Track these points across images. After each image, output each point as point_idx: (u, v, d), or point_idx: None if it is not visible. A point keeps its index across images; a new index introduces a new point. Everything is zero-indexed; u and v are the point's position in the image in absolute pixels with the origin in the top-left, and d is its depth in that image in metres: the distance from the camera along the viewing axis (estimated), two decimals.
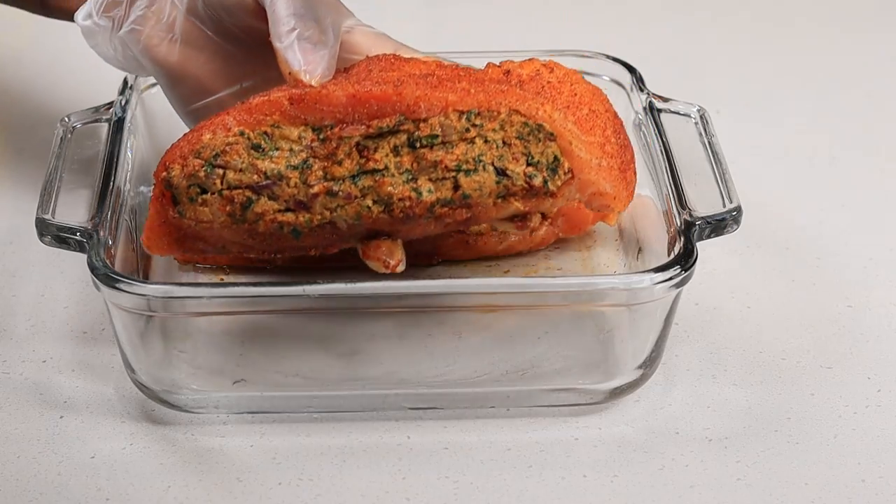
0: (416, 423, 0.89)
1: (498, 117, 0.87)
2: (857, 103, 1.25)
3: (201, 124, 0.88)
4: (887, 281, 1.02)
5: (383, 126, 0.86)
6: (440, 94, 0.86)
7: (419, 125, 0.86)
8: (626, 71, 1.03)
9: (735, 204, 0.90)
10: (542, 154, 0.87)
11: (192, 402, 0.88)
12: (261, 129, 0.87)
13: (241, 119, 0.87)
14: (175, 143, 0.88)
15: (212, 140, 0.86)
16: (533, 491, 0.85)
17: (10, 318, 0.97)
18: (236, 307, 0.85)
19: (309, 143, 0.86)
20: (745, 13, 1.39)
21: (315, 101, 0.86)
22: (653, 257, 0.94)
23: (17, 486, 0.84)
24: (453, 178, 0.86)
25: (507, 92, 0.87)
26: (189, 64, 0.94)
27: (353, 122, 0.86)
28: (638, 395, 0.91)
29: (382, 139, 0.86)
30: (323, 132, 0.86)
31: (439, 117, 0.86)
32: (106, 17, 0.92)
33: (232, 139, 0.86)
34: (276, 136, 0.87)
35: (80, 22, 0.93)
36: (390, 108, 0.86)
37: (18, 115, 1.19)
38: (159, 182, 0.88)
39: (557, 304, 0.87)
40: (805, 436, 0.89)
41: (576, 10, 1.39)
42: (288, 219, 0.87)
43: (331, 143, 0.86)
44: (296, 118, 0.86)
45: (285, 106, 0.86)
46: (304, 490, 0.84)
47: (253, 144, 0.86)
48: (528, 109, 0.87)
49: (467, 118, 0.86)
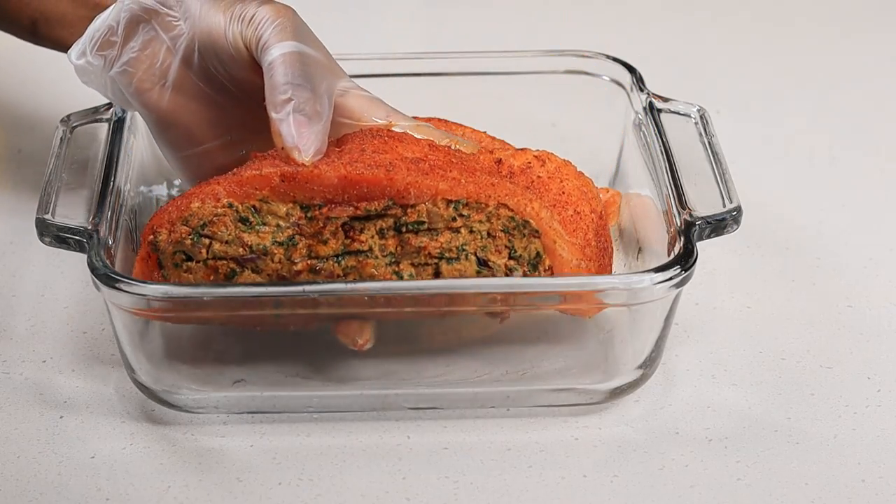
0: (416, 423, 0.89)
1: (485, 209, 0.87)
2: (857, 103, 1.25)
3: (191, 191, 0.88)
4: (887, 281, 1.02)
5: (371, 209, 0.86)
6: (431, 183, 0.86)
7: (407, 210, 0.86)
8: (626, 71, 1.03)
9: (735, 204, 0.90)
10: (525, 249, 0.88)
11: (192, 402, 0.88)
12: (249, 203, 0.87)
13: (231, 191, 0.87)
14: (164, 206, 0.89)
15: (200, 209, 0.87)
16: (533, 491, 0.85)
17: (10, 318, 0.97)
18: (236, 307, 0.85)
19: (296, 221, 0.87)
20: (745, 13, 1.39)
21: (306, 181, 0.86)
22: (653, 257, 0.94)
23: (17, 486, 0.84)
24: (435, 264, 0.87)
25: (498, 185, 0.87)
26: (179, 111, 0.93)
27: (342, 203, 0.86)
28: (638, 395, 0.91)
29: (369, 221, 0.87)
30: (311, 210, 0.87)
31: (427, 204, 0.86)
32: (99, 55, 0.92)
33: (220, 210, 0.87)
34: (265, 211, 0.87)
35: (74, 61, 0.92)
36: (380, 191, 0.86)
37: (18, 115, 1.19)
38: (145, 244, 0.88)
39: (557, 305, 0.87)
40: (805, 436, 0.89)
41: (576, 10, 1.39)
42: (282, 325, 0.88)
43: (318, 221, 0.86)
44: (285, 194, 0.86)
45: (276, 182, 0.86)
46: (304, 490, 0.84)
47: (241, 217, 0.87)
48: (516, 204, 0.87)
49: (455, 207, 0.87)
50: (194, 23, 0.90)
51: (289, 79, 0.87)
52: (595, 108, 1.05)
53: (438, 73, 1.06)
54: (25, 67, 1.25)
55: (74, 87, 1.07)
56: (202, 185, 0.88)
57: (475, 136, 0.99)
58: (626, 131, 1.03)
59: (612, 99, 1.04)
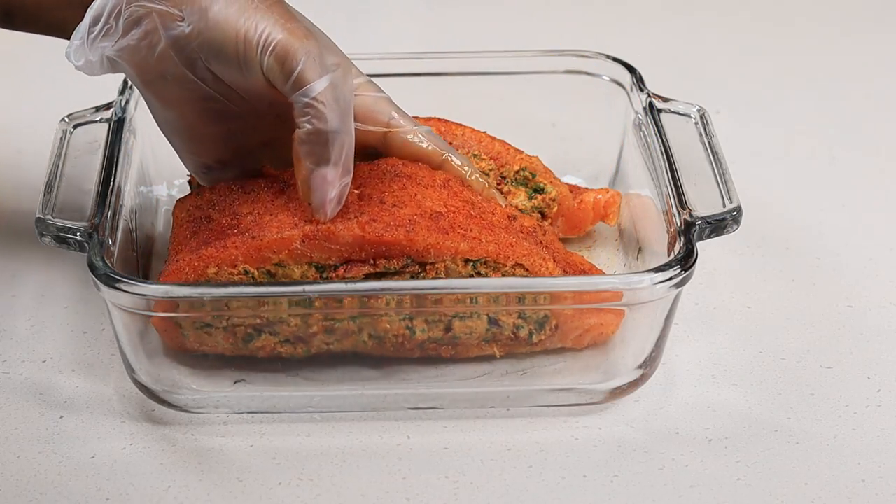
0: (416, 423, 0.89)
1: (502, 268, 0.88)
2: (857, 103, 1.25)
3: (208, 251, 0.87)
4: (887, 281, 1.02)
5: (389, 267, 0.87)
6: (451, 244, 0.87)
7: (426, 268, 0.87)
8: (626, 71, 1.03)
9: (735, 204, 0.90)
10: (534, 310, 0.88)
11: (192, 402, 0.88)
12: (265, 268, 0.87)
13: (248, 256, 0.86)
14: (177, 264, 0.87)
15: (216, 276, 0.87)
16: (533, 491, 0.85)
17: (10, 318, 0.97)
18: (236, 307, 0.85)
19: None
20: (745, 13, 1.39)
21: (325, 240, 0.86)
22: (653, 257, 0.94)
23: (17, 486, 0.84)
24: (448, 320, 0.88)
25: (516, 245, 0.88)
26: (181, 107, 0.90)
27: (358, 261, 0.87)
28: (638, 395, 0.91)
29: (385, 278, 0.87)
30: (326, 272, 0.87)
31: (446, 261, 0.87)
32: (98, 44, 0.87)
33: (236, 278, 0.87)
34: (280, 276, 0.87)
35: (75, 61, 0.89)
36: (399, 251, 0.87)
37: (18, 115, 1.19)
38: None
39: (557, 305, 0.87)
40: (805, 436, 0.89)
41: (576, 10, 1.39)
42: (287, 350, 0.88)
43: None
44: (303, 255, 0.86)
45: (295, 245, 0.86)
46: (304, 490, 0.84)
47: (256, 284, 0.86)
48: (532, 265, 0.88)
49: (473, 266, 0.87)
50: (202, 27, 0.85)
51: (330, 125, 0.84)
52: (595, 108, 1.05)
53: (438, 73, 1.06)
54: (25, 67, 1.25)
55: (74, 87, 1.07)
56: (217, 246, 0.87)
57: (475, 136, 0.99)
58: (626, 131, 1.03)
59: (612, 99, 1.04)
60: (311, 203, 0.86)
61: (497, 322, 0.88)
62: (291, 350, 0.88)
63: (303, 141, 0.85)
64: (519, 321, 0.88)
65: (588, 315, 0.89)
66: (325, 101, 0.84)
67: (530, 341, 0.89)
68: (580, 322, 0.89)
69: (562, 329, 0.89)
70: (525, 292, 0.85)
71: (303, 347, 0.88)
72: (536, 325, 0.88)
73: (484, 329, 0.88)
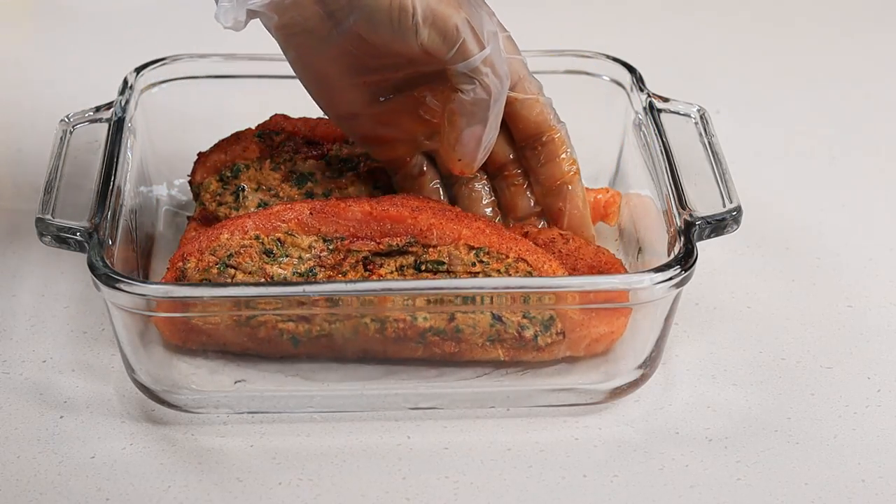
0: (416, 423, 0.89)
1: (505, 260, 0.89)
2: (857, 103, 1.25)
3: (223, 223, 0.91)
4: (887, 281, 1.02)
5: (393, 245, 0.88)
6: (454, 227, 0.89)
7: (428, 249, 0.88)
8: (626, 71, 1.03)
9: (735, 204, 0.90)
10: (539, 311, 0.88)
11: (192, 402, 0.88)
12: (275, 236, 0.89)
13: (259, 224, 0.90)
14: (196, 235, 0.91)
15: (228, 240, 0.89)
16: (533, 491, 0.85)
17: (10, 318, 0.97)
18: (236, 307, 0.85)
19: (318, 253, 0.89)
20: (745, 13, 1.39)
21: (333, 214, 0.89)
22: (653, 257, 0.94)
23: (17, 486, 0.84)
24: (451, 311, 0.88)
25: (520, 241, 0.90)
26: (318, 60, 0.91)
27: (364, 237, 0.89)
28: (638, 395, 0.91)
29: (390, 257, 0.89)
30: (333, 243, 0.89)
31: (449, 247, 0.88)
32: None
33: (247, 242, 0.89)
34: (288, 244, 0.89)
35: (224, 22, 0.89)
36: (403, 229, 0.88)
37: (18, 115, 1.19)
38: (174, 269, 0.89)
39: (557, 305, 0.87)
40: (805, 436, 0.89)
41: (576, 10, 1.39)
42: (288, 327, 0.88)
43: (339, 253, 0.89)
44: (311, 227, 0.89)
45: (304, 216, 0.89)
46: (304, 490, 0.84)
47: (265, 249, 0.89)
48: (535, 261, 0.89)
49: (476, 254, 0.88)
50: None
51: (492, 94, 0.89)
52: (595, 108, 1.05)
53: None
54: (25, 67, 1.25)
55: (74, 87, 1.07)
56: (234, 219, 0.91)
57: None
58: (626, 131, 1.03)
59: (612, 99, 1.04)
60: (459, 158, 0.91)
61: (500, 318, 0.88)
62: (293, 328, 0.88)
63: (462, 103, 0.89)
64: (523, 321, 0.88)
65: (596, 323, 0.89)
66: (486, 73, 0.88)
67: (536, 343, 0.89)
68: (588, 330, 0.89)
69: (570, 337, 0.89)
70: (525, 290, 0.85)
71: (304, 326, 0.88)
72: (542, 327, 0.88)
73: (488, 324, 0.88)
